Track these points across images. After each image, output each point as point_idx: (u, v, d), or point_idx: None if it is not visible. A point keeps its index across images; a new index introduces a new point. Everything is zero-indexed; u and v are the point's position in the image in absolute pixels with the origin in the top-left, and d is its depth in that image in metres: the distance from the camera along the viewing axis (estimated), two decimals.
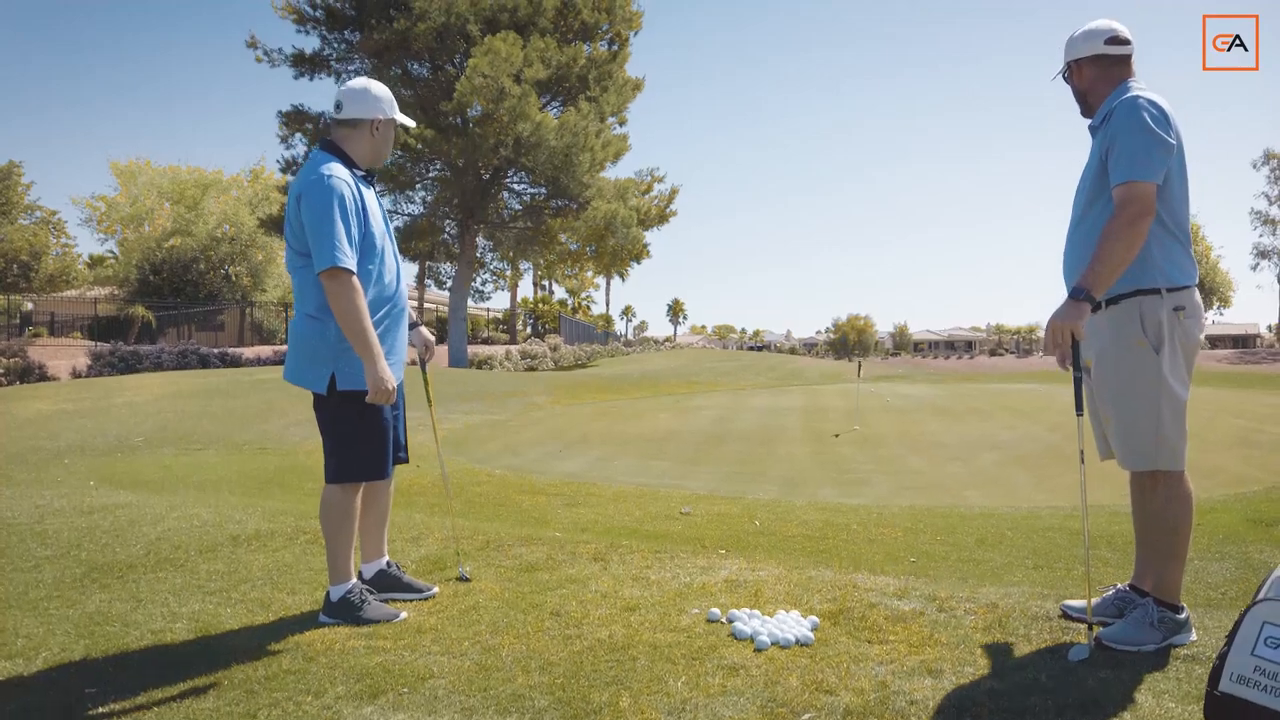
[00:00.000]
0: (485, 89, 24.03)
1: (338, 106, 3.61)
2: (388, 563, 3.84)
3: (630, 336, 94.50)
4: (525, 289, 66.61)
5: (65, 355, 22.93)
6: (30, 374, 18.84)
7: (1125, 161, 2.99)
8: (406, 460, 3.86)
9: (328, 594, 3.54)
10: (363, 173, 3.58)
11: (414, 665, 2.95)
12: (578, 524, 6.28)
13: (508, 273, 33.74)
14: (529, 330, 55.23)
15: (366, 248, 3.45)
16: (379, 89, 3.63)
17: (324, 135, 3.82)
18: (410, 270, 45.37)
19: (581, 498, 7.36)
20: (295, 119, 26.57)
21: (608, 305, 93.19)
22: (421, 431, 10.58)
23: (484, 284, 35.65)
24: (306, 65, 27.26)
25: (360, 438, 3.52)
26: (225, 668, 2.96)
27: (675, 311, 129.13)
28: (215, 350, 24.42)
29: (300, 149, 27.28)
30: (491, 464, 9.45)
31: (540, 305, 62.25)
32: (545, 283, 76.03)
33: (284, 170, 27.97)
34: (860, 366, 16.98)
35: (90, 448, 9.82)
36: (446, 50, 26.31)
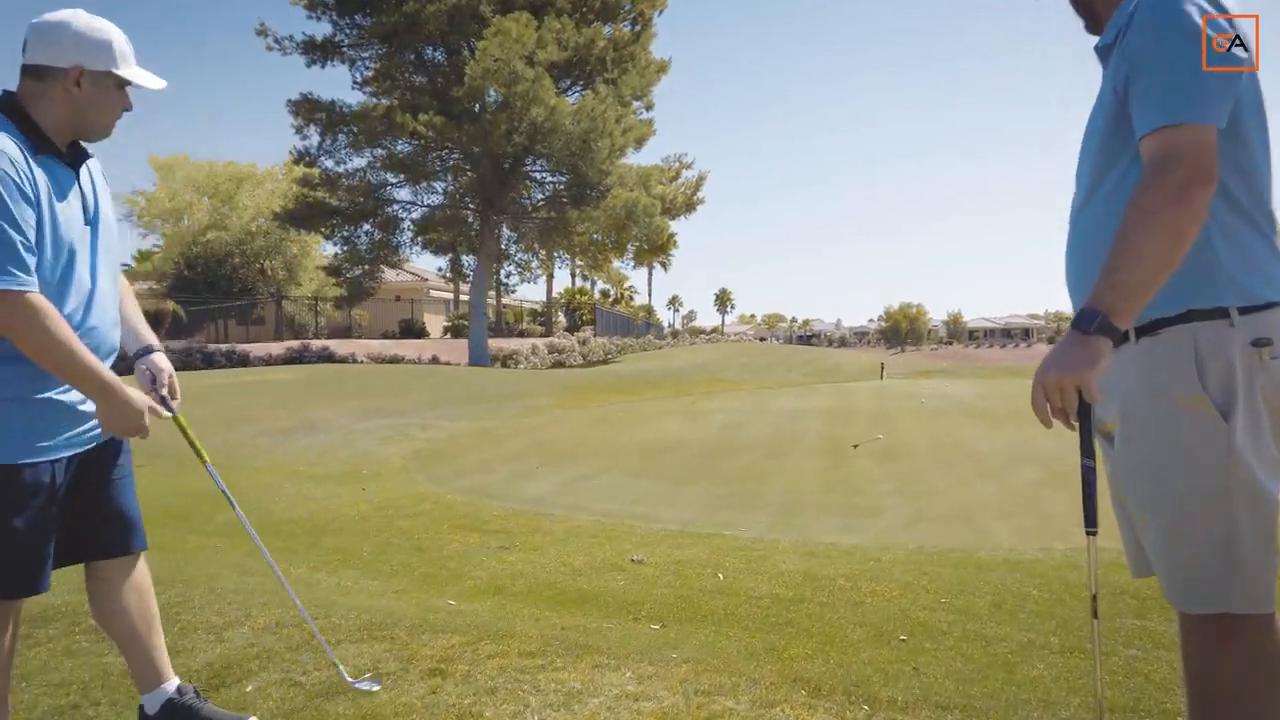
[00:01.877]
0: (496, 72, 22.88)
1: (24, 47, 2.43)
2: (179, 689, 2.64)
3: (678, 327, 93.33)
4: (566, 280, 65.78)
5: None
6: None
7: (1160, 94, 1.72)
8: (136, 548, 2.66)
9: None
10: (58, 149, 2.37)
11: None
12: (494, 581, 5.11)
13: (533, 264, 32.62)
14: (565, 323, 54.32)
15: (41, 246, 2.25)
16: (87, 25, 2.38)
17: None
18: (435, 264, 44.68)
19: (524, 536, 6.20)
20: (306, 107, 25.71)
21: (650, 296, 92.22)
22: (387, 443, 9.53)
23: (508, 276, 34.56)
24: (318, 52, 26.36)
25: None
26: None
27: (722, 301, 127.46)
28: (223, 348, 23.77)
29: (315, 139, 26.51)
30: (450, 484, 8.34)
31: (577, 297, 61.20)
32: (586, 274, 75.10)
33: (297, 161, 27.24)
34: (883, 368, 15.52)
35: None
36: (459, 33, 25.21)
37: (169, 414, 2.65)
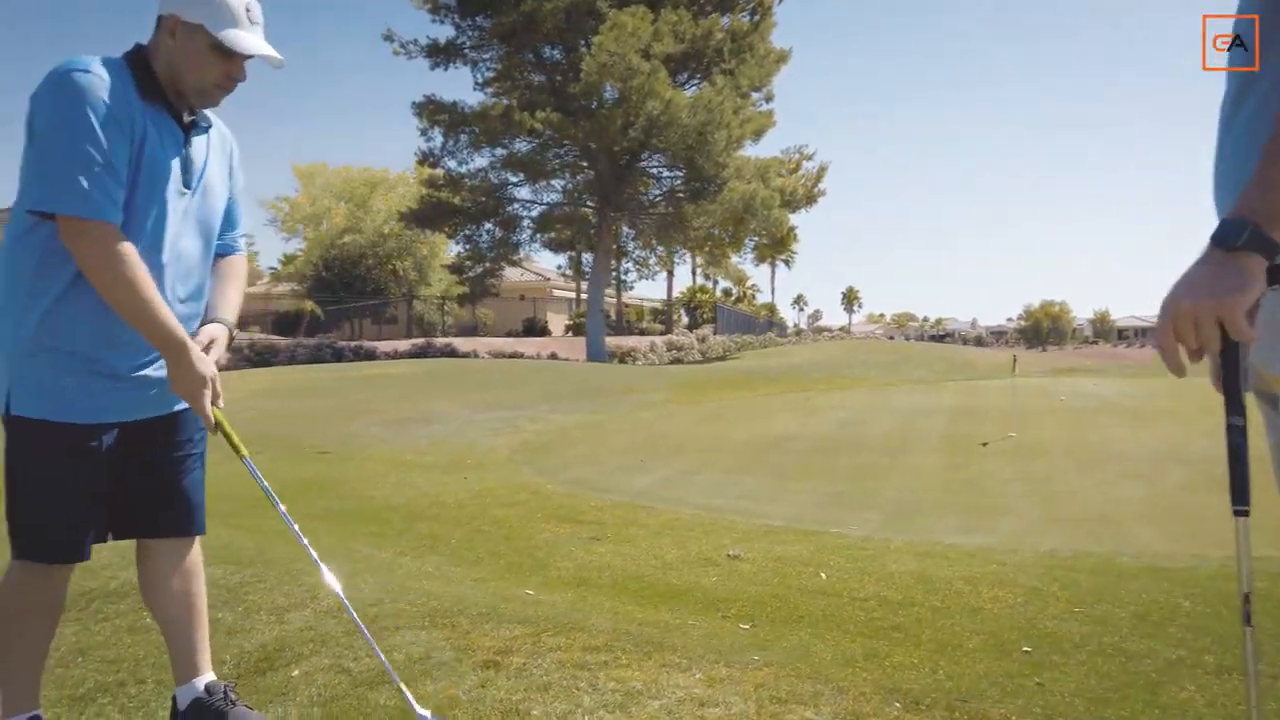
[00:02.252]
0: (612, 67, 22.81)
1: None
2: (208, 687, 2.46)
3: (802, 326, 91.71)
4: (688, 279, 65.51)
5: None
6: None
7: None
8: (192, 532, 2.51)
9: None
10: (168, 102, 2.20)
11: None
12: (579, 572, 4.86)
13: (651, 261, 32.47)
14: (686, 321, 54.06)
15: (131, 191, 2.10)
16: None
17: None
18: (554, 261, 45.14)
19: (617, 528, 5.93)
20: (430, 109, 26.38)
21: (772, 294, 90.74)
22: (499, 434, 9.48)
23: (626, 273, 34.57)
24: (441, 55, 27.00)
25: (32, 495, 2.22)
26: None
27: (849, 300, 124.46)
28: (351, 344, 24.66)
29: (438, 140, 27.19)
30: (553, 476, 8.18)
31: (698, 295, 60.81)
32: (707, 273, 74.57)
33: (422, 162, 27.99)
34: (1015, 361, 14.48)
35: None
36: (576, 30, 25.30)
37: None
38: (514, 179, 28.67)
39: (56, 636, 3.22)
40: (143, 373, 2.28)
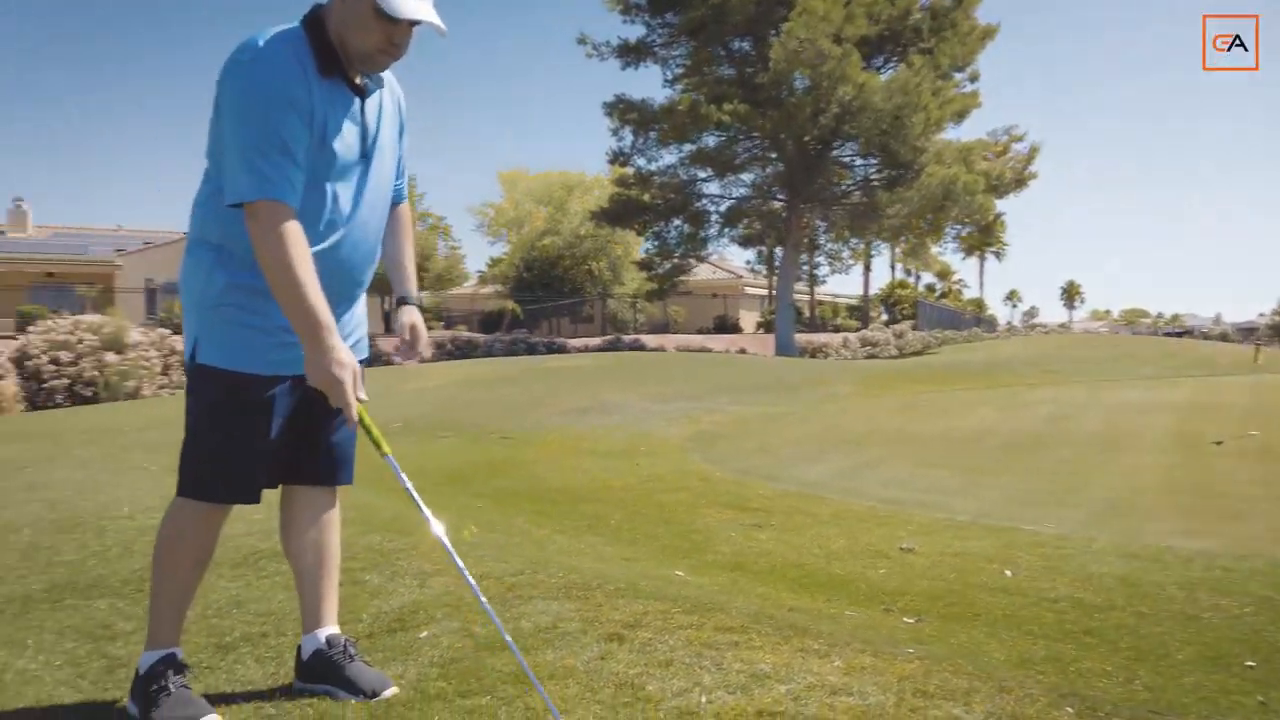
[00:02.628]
0: (801, 53, 22.20)
1: None
2: (329, 639, 2.46)
3: (1015, 323, 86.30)
4: (887, 275, 63.18)
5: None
6: (374, 360, 20.91)
7: None
8: (335, 482, 2.54)
9: (138, 666, 2.38)
10: (343, 70, 2.20)
11: None
12: (736, 557, 4.63)
13: (844, 254, 31.39)
14: (885, 317, 52.08)
15: (307, 168, 2.14)
16: None
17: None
18: (745, 257, 44.71)
19: (784, 516, 5.64)
20: (620, 109, 26.81)
21: (981, 289, 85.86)
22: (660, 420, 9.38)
23: (818, 267, 33.66)
24: (631, 54, 27.39)
25: (209, 439, 2.30)
26: None
27: (1069, 295, 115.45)
28: (544, 339, 25.51)
29: (628, 139, 27.58)
30: (723, 464, 7.97)
31: (897, 290, 58.42)
32: (907, 268, 71.58)
33: (612, 161, 28.50)
34: (1259, 352, 12.68)
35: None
36: (765, 20, 24.84)
37: (412, 362, 2.61)
38: (702, 174, 28.64)
39: (218, 589, 3.40)
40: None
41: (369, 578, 3.52)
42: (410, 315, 2.56)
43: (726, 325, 43.36)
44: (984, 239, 47.40)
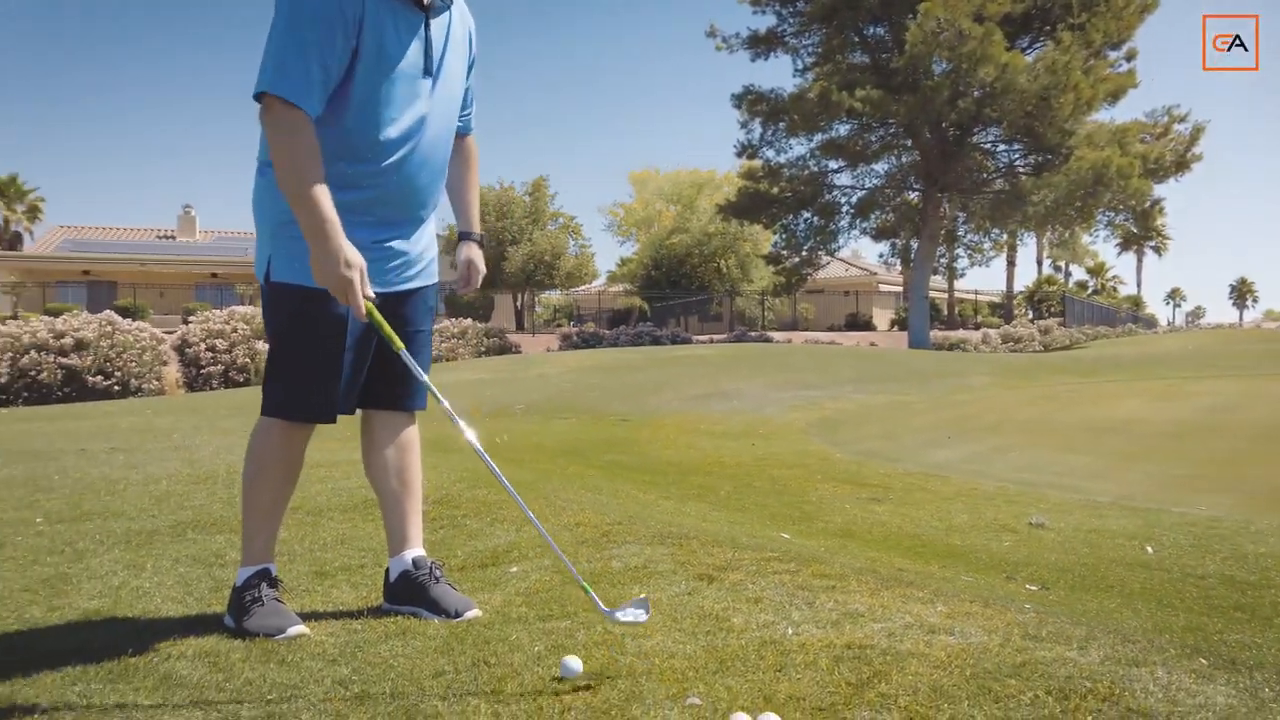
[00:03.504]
0: (940, 34, 21.29)
1: None
2: (415, 561, 2.48)
3: (1178, 323, 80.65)
4: (1033, 271, 59.97)
5: (549, 340, 25.58)
6: (505, 350, 21.47)
7: None
8: (408, 407, 2.55)
9: (235, 581, 2.44)
10: None
11: None
12: (848, 526, 4.43)
13: (985, 246, 29.92)
14: (1031, 316, 49.54)
15: (362, 80, 2.18)
16: None
17: None
18: (876, 250, 43.26)
19: (903, 493, 5.38)
20: (749, 100, 26.47)
21: (1138, 286, 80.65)
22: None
23: (957, 259, 32.25)
24: (761, 45, 27.01)
25: (288, 357, 2.35)
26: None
27: (1240, 293, 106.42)
28: (667, 332, 25.50)
29: (757, 131, 27.20)
30: (844, 446, 7.70)
31: (1044, 286, 55.44)
32: (1062, 263, 67.81)
33: (740, 154, 28.17)
34: None
35: (474, 412, 10.22)
36: (903, 2, 23.95)
37: (463, 292, 2.64)
38: (833, 165, 27.97)
39: (326, 529, 3.50)
40: (384, 245, 2.35)
41: (469, 522, 3.55)
42: (469, 250, 2.61)
43: (858, 322, 42.26)
44: (1142, 227, 44.23)
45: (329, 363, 2.31)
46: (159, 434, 6.96)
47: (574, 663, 1.87)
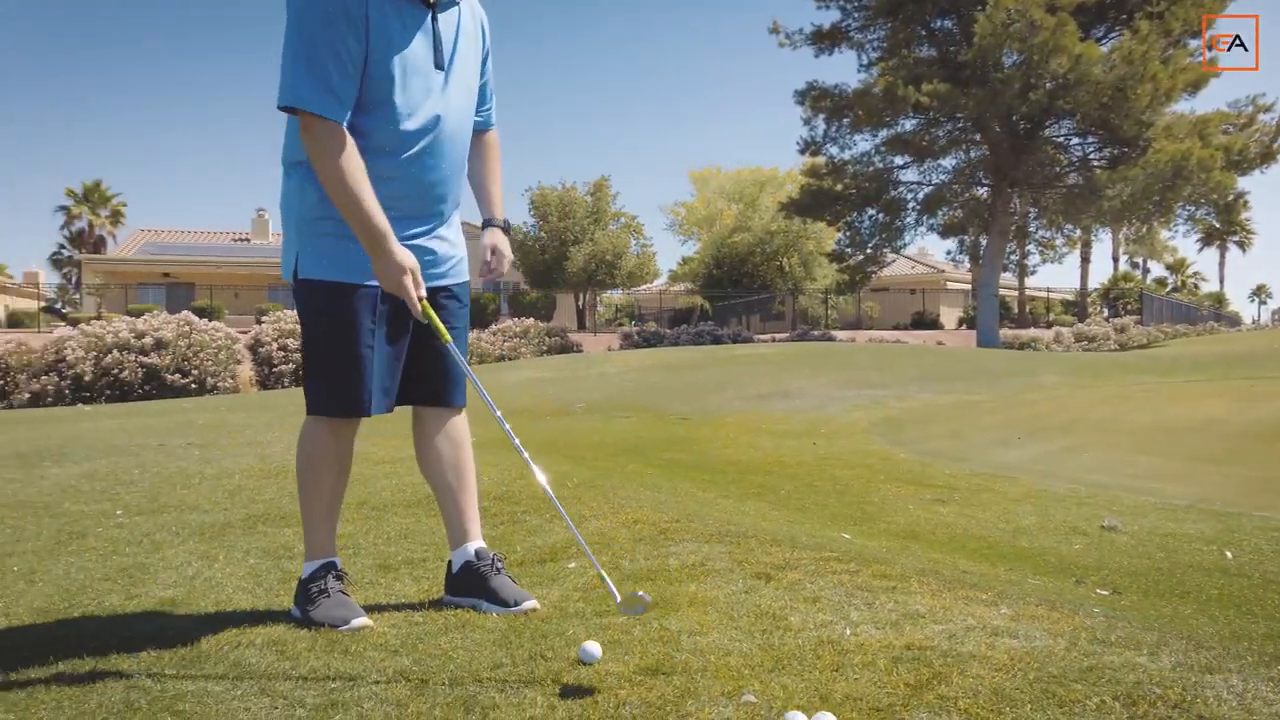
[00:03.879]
0: (1011, 25, 20.72)
1: None
2: (477, 552, 2.52)
3: (1265, 322, 77.43)
4: (1109, 268, 58.16)
5: (610, 339, 25.60)
6: (566, 349, 21.62)
7: None
8: (451, 403, 2.59)
9: (302, 574, 2.51)
10: None
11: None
12: (911, 526, 4.36)
13: (1057, 242, 29.03)
14: (1105, 313, 48.03)
15: (375, 77, 2.20)
16: None
17: None
18: (943, 247, 42.36)
19: (969, 494, 5.27)
20: (813, 96, 26.14)
21: (1221, 283, 77.48)
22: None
23: (1028, 256, 31.37)
24: (825, 40, 26.64)
25: (320, 353, 2.40)
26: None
27: None
28: (728, 331, 25.36)
29: (821, 127, 26.85)
30: (908, 446, 7.57)
31: (1121, 283, 53.66)
32: (1139, 259, 65.56)
33: (803, 151, 27.85)
34: None
35: (535, 410, 10.32)
36: None
37: (490, 277, 2.63)
38: (899, 161, 27.48)
39: (390, 524, 3.57)
40: (415, 242, 2.37)
41: (529, 519, 3.58)
42: (493, 236, 2.58)
43: (925, 321, 41.49)
44: (1224, 221, 42.48)
45: (359, 356, 2.33)
46: (232, 430, 7.19)
47: (593, 647, 1.93)
